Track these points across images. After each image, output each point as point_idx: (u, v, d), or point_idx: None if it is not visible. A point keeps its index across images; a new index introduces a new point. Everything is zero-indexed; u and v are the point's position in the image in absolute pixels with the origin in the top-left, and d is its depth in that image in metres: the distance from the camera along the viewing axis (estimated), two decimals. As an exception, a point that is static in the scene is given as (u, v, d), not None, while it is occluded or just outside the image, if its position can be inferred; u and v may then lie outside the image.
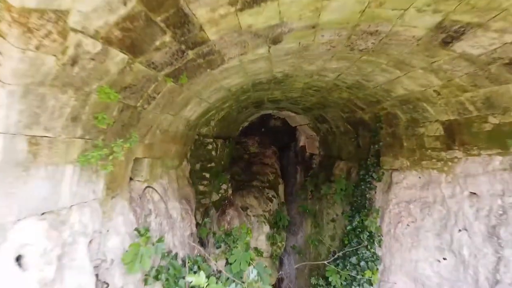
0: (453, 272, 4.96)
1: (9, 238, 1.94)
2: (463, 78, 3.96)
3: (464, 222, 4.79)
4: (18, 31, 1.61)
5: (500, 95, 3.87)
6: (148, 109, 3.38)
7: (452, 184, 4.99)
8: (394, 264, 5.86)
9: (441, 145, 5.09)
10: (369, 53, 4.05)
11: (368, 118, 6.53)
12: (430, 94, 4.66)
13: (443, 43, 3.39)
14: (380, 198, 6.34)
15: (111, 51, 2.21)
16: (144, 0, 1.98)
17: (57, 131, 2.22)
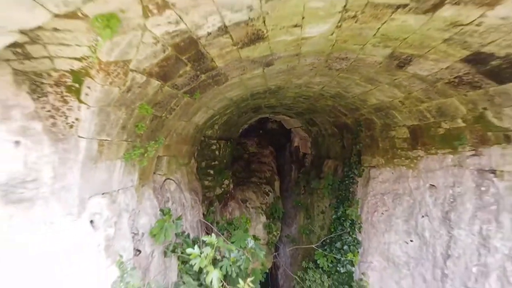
0: (417, 251, 5.87)
1: (86, 208, 2.85)
2: (419, 92, 4.88)
3: (426, 209, 5.71)
4: (102, 75, 2.52)
5: (448, 106, 4.79)
6: (169, 118, 4.29)
7: (417, 178, 5.91)
8: (371, 247, 6.77)
9: (408, 145, 6.01)
10: (344, 72, 4.96)
11: (350, 122, 7.44)
12: (397, 104, 5.58)
13: (398, 67, 4.30)
14: (360, 191, 7.25)
15: (151, 80, 3.13)
16: (177, 48, 2.90)
17: (113, 136, 3.13)
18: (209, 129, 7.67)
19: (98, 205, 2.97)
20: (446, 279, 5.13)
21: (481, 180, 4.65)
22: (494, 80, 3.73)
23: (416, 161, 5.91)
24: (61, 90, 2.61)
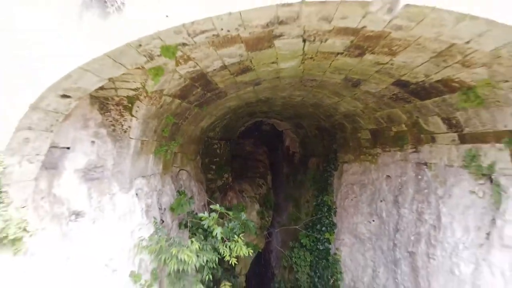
0: (377, 229, 7.25)
1: (133, 185, 4.23)
2: (373, 103, 6.26)
3: (383, 195, 7.09)
4: (147, 99, 3.91)
5: (394, 114, 6.17)
6: (184, 124, 5.67)
7: (377, 170, 7.30)
8: (343, 227, 8.16)
9: (370, 145, 7.39)
10: (316, 88, 6.34)
11: (328, 126, 8.83)
12: (359, 112, 6.97)
13: (353, 86, 5.68)
14: (336, 182, 8.64)
15: (175, 100, 4.51)
16: (192, 79, 4.28)
17: (149, 137, 4.51)
18: (211, 131, 9.05)
19: (140, 183, 4.35)
20: (395, 248, 6.51)
21: (418, 171, 6.03)
22: (417, 98, 5.11)
23: (376, 157, 7.29)
24: (119, 108, 3.99)
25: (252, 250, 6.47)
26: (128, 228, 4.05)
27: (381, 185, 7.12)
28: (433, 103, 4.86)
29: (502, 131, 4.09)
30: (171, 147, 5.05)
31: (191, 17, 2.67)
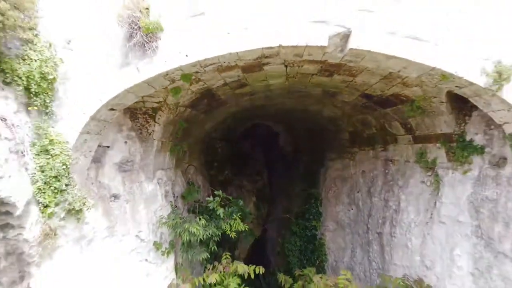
0: (355, 216, 8.40)
1: (155, 176, 5.38)
2: (349, 110, 7.42)
3: (359, 187, 8.24)
4: (167, 109, 5.06)
5: (366, 119, 7.31)
6: (192, 128, 6.82)
7: (354, 166, 8.45)
8: (327, 216, 9.31)
9: (349, 144, 8.54)
10: (301, 97, 7.48)
11: (315, 128, 9.97)
12: (339, 117, 8.12)
13: (331, 96, 6.83)
14: (322, 177, 9.79)
15: (187, 109, 5.67)
16: (201, 93, 5.43)
17: (166, 138, 5.66)
18: (214, 132, 10.18)
19: (160, 174, 5.50)
20: (368, 231, 7.66)
21: (385, 166, 7.18)
22: (381, 107, 6.26)
23: (354, 155, 8.45)
24: (145, 116, 5.14)
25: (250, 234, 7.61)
26: (152, 208, 5.20)
27: (358, 179, 8.27)
28: (392, 111, 6.02)
29: (440, 134, 5.25)
30: (182, 146, 6.20)
31: (203, 56, 3.82)
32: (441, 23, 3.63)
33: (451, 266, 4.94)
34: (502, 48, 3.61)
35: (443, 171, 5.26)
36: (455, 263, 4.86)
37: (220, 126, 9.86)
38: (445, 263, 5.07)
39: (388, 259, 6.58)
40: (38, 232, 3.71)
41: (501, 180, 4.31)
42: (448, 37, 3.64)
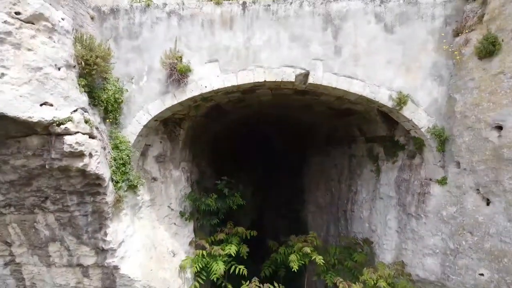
0: (330, 199, 10.47)
1: (180, 166, 7.47)
2: (323, 118, 9.47)
3: (333, 177, 10.29)
4: (189, 119, 7.15)
5: (336, 125, 9.38)
6: (205, 130, 8.89)
7: (329, 161, 10.51)
8: (309, 200, 11.38)
9: (325, 144, 10.61)
10: (286, 108, 9.53)
11: (300, 131, 12.05)
12: (316, 122, 10.19)
13: (308, 108, 8.89)
14: (306, 170, 11.87)
15: (202, 118, 7.75)
16: (212, 108, 7.52)
17: (187, 139, 7.74)
18: (220, 135, 12.24)
19: (183, 164, 7.57)
20: (338, 209, 9.71)
21: (350, 160, 9.24)
22: (344, 116, 8.33)
23: (329, 152, 10.52)
24: (174, 124, 7.21)
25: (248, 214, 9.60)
26: (178, 188, 7.28)
27: (332, 171, 10.33)
28: (351, 119, 8.10)
29: (380, 136, 7.33)
30: (197, 145, 8.26)
31: (216, 87, 5.88)
32: (365, 69, 5.72)
33: (385, 228, 7.02)
34: (400, 84, 5.70)
35: (382, 162, 7.35)
36: (388, 225, 6.94)
37: (224, 130, 11.93)
38: (382, 226, 7.16)
39: (350, 229, 8.66)
40: (112, 198, 5.78)
41: (412, 166, 6.39)
42: (370, 77, 5.72)
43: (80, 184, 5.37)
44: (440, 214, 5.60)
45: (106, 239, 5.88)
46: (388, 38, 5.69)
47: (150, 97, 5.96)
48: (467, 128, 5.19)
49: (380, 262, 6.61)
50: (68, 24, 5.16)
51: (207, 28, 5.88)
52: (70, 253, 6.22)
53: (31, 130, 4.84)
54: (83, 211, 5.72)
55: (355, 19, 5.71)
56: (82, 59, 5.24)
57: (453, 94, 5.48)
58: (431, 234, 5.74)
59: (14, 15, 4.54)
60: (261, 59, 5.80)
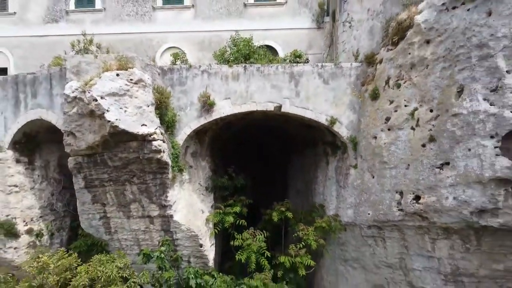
0: (304, 188, 14.74)
1: (205, 159, 11.81)
2: (300, 129, 13.82)
3: (306, 171, 14.56)
4: (211, 130, 11.51)
5: (306, 134, 13.71)
6: (219, 138, 13.24)
7: (304, 160, 14.81)
8: (291, 190, 15.66)
9: (301, 148, 14.91)
10: (275, 121, 13.87)
11: (286, 139, 16.37)
12: (295, 132, 14.51)
13: (288, 122, 13.23)
14: (289, 168, 16.18)
15: (217, 130, 12.13)
16: (225, 123, 11.88)
17: (209, 143, 12.09)
18: (228, 140, 16.58)
19: (207, 158, 11.90)
20: (307, 190, 13.97)
21: (315, 157, 13.53)
22: (310, 127, 12.64)
23: (304, 154, 14.81)
24: (202, 132, 11.56)
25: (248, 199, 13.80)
26: (204, 172, 11.61)
27: (305, 165, 14.62)
28: (312, 130, 12.41)
29: (328, 141, 11.64)
30: (215, 147, 12.56)
31: (229, 113, 10.27)
32: (313, 104, 10.04)
33: (330, 196, 11.30)
34: (332, 113, 10.02)
35: (329, 157, 11.66)
36: (331, 195, 11.22)
37: (231, 137, 16.26)
38: (329, 195, 11.43)
39: (312, 200, 12.92)
40: (171, 176, 10.08)
41: (343, 159, 10.69)
42: (315, 108, 10.05)
43: (155, 167, 9.67)
44: (353, 184, 9.92)
45: (166, 199, 10.14)
46: (325, 87, 10.05)
47: (191, 119, 10.30)
48: (364, 137, 9.53)
49: (326, 215, 10.89)
50: (150, 80, 9.49)
51: (224, 79, 10.24)
52: (144, 209, 10.45)
53: (134, 138, 9.13)
54: (154, 183, 9.99)
55: (307, 76, 10.07)
56: (157, 99, 9.57)
57: (360, 118, 9.81)
58: (349, 196, 10.06)
59: (129, 81, 8.89)
60: (255, 97, 10.16)
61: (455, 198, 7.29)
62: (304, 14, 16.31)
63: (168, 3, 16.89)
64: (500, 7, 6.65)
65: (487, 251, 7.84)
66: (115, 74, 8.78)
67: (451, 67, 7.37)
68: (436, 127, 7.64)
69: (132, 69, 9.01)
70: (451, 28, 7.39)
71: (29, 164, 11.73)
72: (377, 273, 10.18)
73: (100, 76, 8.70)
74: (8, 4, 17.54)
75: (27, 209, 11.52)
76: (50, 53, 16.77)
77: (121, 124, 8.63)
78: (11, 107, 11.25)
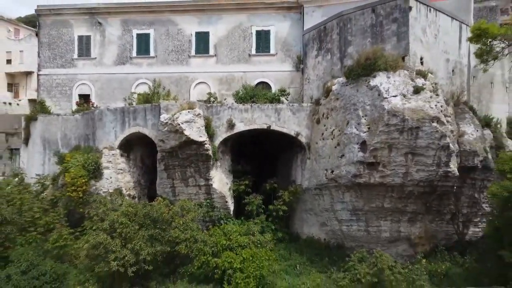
0: (286, 172, 24.30)
1: (228, 155, 21.40)
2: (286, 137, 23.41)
3: (290, 163, 24.11)
4: (231, 140, 21.16)
5: (289, 141, 23.30)
6: (235, 141, 22.84)
7: (287, 156, 24.38)
8: (280, 174, 25.24)
9: (288, 149, 24.50)
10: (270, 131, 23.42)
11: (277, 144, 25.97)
12: (283, 138, 24.10)
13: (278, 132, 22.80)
14: (279, 161, 25.77)
15: (233, 138, 21.79)
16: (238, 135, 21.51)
17: (229, 146, 21.70)
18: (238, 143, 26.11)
19: (229, 154, 21.47)
20: (288, 174, 23.52)
21: (292, 154, 23.07)
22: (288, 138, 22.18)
23: (286, 152, 24.36)
24: (226, 140, 21.17)
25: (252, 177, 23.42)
26: (228, 162, 21.21)
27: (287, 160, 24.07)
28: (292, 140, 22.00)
29: (299, 144, 21.27)
30: (234, 147, 22.04)
31: (242, 129, 19.90)
32: (287, 124, 19.68)
33: (298, 175, 20.87)
34: (298, 129, 19.64)
35: (298, 154, 21.25)
36: (298, 174, 20.81)
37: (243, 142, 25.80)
38: (297, 175, 20.98)
39: (291, 180, 22.42)
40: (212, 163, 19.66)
41: (305, 154, 20.31)
42: (288, 127, 19.67)
43: (204, 158, 19.36)
44: (308, 168, 19.55)
45: (209, 176, 19.84)
46: (293, 115, 19.84)
47: (222, 133, 20.00)
48: (312, 143, 19.26)
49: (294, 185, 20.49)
50: (202, 113, 19.22)
51: (239, 111, 19.97)
52: (196, 181, 20.19)
53: (195, 143, 18.87)
54: (203, 167, 19.68)
55: (284, 110, 19.87)
56: (206, 123, 19.20)
57: (311, 133, 19.46)
58: (306, 174, 19.72)
59: (194, 114, 18.60)
60: (256, 121, 19.86)
61: (346, 171, 16.88)
62: (288, 61, 25.90)
63: (198, 53, 26.47)
64: (361, 88, 16.26)
65: (365, 196, 17.42)
66: (187, 111, 18.37)
67: (345, 112, 16.98)
68: (339, 139, 17.22)
69: (194, 108, 18.60)
70: (345, 94, 17.03)
71: (127, 157, 21.29)
72: (321, 215, 19.74)
73: (181, 112, 18.25)
74: (91, 52, 27.11)
75: (127, 183, 21.05)
76: (119, 85, 26.65)
77: (191, 136, 18.19)
78: (120, 125, 20.81)
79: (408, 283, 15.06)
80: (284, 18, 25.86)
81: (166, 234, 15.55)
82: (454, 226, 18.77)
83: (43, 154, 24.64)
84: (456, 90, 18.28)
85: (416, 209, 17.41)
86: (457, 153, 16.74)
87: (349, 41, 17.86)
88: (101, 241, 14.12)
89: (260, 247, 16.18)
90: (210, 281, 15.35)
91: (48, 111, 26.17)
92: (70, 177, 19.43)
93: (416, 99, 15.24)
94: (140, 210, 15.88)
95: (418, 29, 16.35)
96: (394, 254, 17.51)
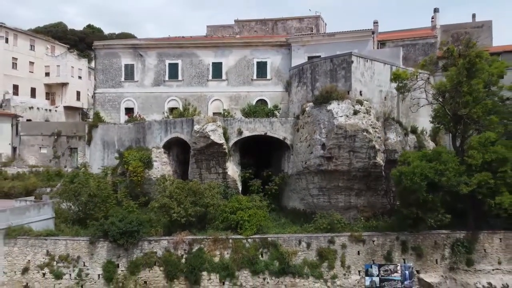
0: (278, 164, 35.10)
1: (238, 152, 32.22)
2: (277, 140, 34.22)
3: (279, 158, 34.86)
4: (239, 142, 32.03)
5: (278, 142, 34.07)
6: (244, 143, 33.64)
7: (279, 152, 35.17)
8: (274, 166, 36.03)
9: (279, 148, 35.28)
10: (265, 136, 34.17)
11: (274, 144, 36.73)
12: (276, 140, 34.87)
13: (270, 137, 33.57)
14: (273, 157, 36.56)
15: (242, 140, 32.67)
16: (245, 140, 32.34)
17: (240, 146, 32.50)
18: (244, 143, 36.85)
19: (238, 151, 32.25)
20: (279, 165, 34.29)
21: (282, 151, 33.81)
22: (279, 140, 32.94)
23: (278, 150, 35.15)
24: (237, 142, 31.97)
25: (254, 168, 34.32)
26: (237, 157, 32.01)
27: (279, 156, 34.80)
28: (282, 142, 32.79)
29: (286, 145, 32.13)
30: (241, 147, 32.71)
31: (247, 135, 30.76)
32: (277, 132, 30.49)
33: (285, 166, 31.71)
34: (284, 135, 30.52)
35: (285, 152, 32.10)
36: (285, 165, 31.64)
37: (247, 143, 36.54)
38: (285, 166, 31.80)
39: (281, 169, 33.21)
40: (227, 157, 30.47)
41: (289, 152, 31.15)
42: (278, 133, 30.50)
43: (222, 154, 30.37)
44: (292, 160, 30.42)
45: (225, 166, 30.94)
46: (282, 125, 30.95)
47: (234, 137, 31.01)
48: (294, 144, 30.17)
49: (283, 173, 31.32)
50: (221, 124, 30.26)
51: (246, 123, 30.95)
52: (216, 170, 31.42)
53: (216, 144, 29.96)
54: (221, 160, 30.57)
55: (275, 122, 30.87)
56: (223, 131, 30.09)
57: (294, 138, 30.29)
58: (290, 165, 30.59)
59: (216, 126, 29.65)
60: (257, 129, 30.80)
61: (314, 162, 27.71)
62: (280, 84, 36.74)
63: (214, 78, 37.32)
64: (322, 110, 27.07)
65: (327, 179, 28.25)
66: (212, 123, 29.27)
67: (313, 125, 27.84)
68: (310, 142, 28.00)
69: (216, 121, 29.44)
70: (313, 113, 27.96)
71: (168, 154, 32.15)
72: (300, 193, 30.57)
73: (208, 124, 29.06)
74: (134, 76, 37.93)
75: (168, 171, 31.84)
76: (155, 101, 37.64)
77: (214, 140, 29.02)
78: (163, 132, 31.68)
79: (350, 229, 26.00)
80: (277, 53, 36.83)
81: (201, 201, 26.28)
82: (387, 199, 29.58)
83: (103, 152, 35.57)
84: (387, 110, 29.08)
85: (360, 187, 28.19)
86: (384, 151, 27.52)
87: (316, 79, 28.64)
88: (165, 202, 24.90)
89: (259, 209, 26.94)
90: (229, 229, 26.10)
91: (102, 120, 37.06)
92: (132, 167, 30.27)
93: (354, 118, 26.01)
94: (186, 185, 26.66)
95: (358, 74, 27.12)
96: (347, 217, 28.34)
